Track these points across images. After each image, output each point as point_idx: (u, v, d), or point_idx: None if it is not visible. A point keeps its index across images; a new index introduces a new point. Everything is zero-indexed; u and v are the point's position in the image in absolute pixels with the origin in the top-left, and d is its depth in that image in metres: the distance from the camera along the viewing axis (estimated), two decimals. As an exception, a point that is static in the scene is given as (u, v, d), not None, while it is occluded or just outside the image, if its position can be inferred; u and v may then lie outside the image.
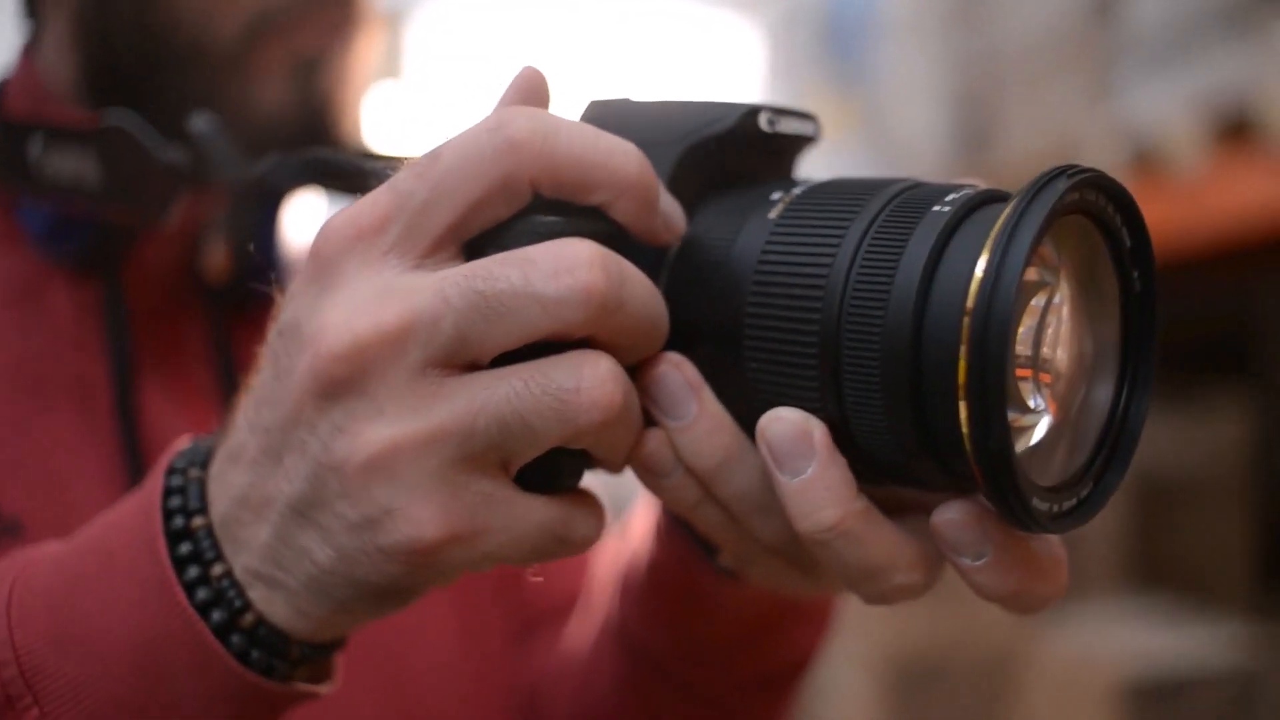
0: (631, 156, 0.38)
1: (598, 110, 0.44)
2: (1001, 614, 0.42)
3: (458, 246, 0.38)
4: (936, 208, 0.37)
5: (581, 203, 0.38)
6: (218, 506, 0.39)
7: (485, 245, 0.37)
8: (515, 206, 0.38)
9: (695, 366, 0.40)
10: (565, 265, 0.36)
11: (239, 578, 0.39)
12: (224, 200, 0.61)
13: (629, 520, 0.59)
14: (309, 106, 0.61)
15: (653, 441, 0.41)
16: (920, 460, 0.37)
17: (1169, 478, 1.78)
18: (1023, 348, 0.36)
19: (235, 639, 0.39)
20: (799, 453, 0.38)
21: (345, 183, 0.53)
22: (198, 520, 0.39)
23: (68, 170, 0.56)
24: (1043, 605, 0.39)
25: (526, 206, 0.38)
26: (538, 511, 0.38)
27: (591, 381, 0.36)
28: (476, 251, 0.38)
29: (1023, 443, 0.37)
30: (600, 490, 0.42)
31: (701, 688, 0.58)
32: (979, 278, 0.34)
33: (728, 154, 0.43)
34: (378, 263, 0.37)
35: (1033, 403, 0.37)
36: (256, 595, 0.38)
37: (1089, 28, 1.67)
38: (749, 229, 0.40)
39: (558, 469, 0.38)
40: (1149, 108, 1.53)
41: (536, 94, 0.41)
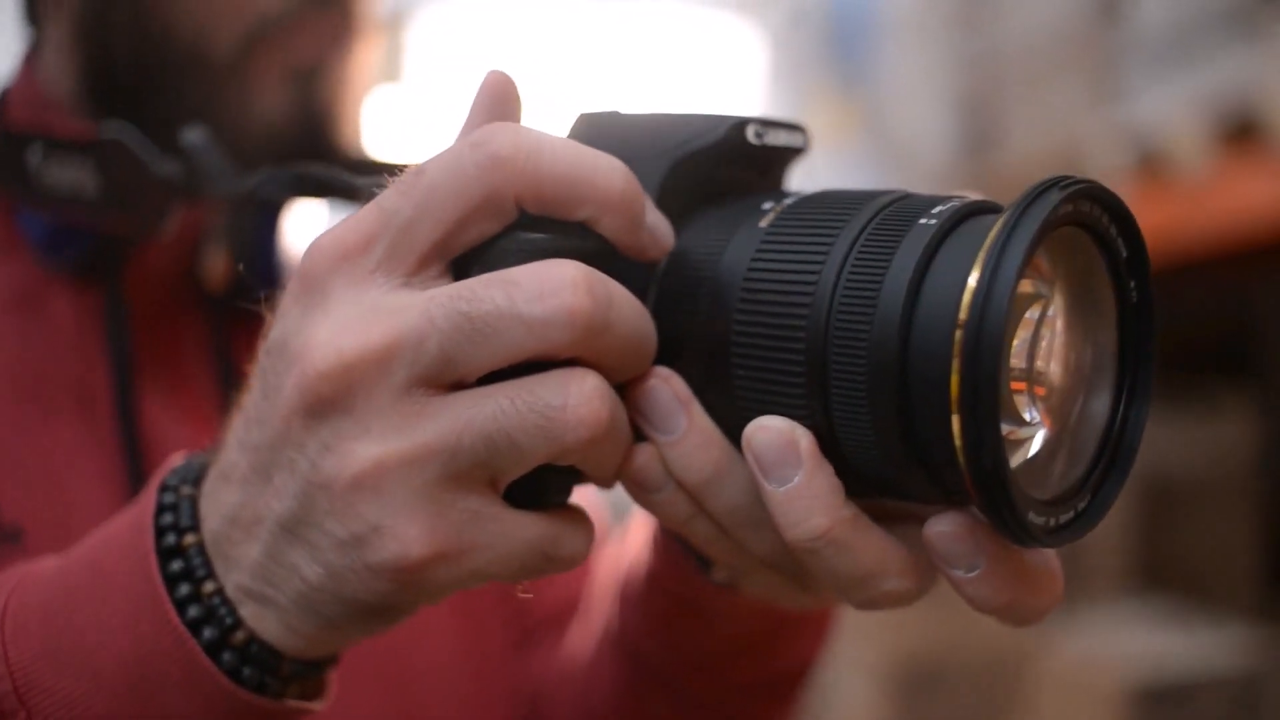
0: (616, 172, 0.38)
1: (586, 123, 0.44)
2: (1005, 618, 0.41)
3: (445, 264, 0.38)
4: (923, 220, 0.37)
5: (567, 219, 0.38)
6: (209, 524, 0.39)
7: (471, 263, 0.37)
8: (501, 223, 0.37)
9: (684, 380, 0.40)
10: (550, 287, 0.35)
11: (230, 595, 0.39)
12: (223, 209, 0.61)
13: (629, 526, 0.59)
14: (308, 115, 0.61)
15: (642, 456, 0.40)
16: (909, 473, 0.37)
17: (1174, 480, 1.77)
18: (1017, 360, 0.36)
19: (226, 656, 0.39)
20: (785, 461, 0.38)
21: (336, 196, 0.54)
22: (189, 538, 0.39)
23: (66, 180, 0.56)
24: (1037, 617, 0.39)
25: (513, 223, 0.38)
26: (526, 528, 0.38)
27: (578, 399, 0.36)
28: (463, 269, 0.37)
29: (1019, 456, 0.37)
30: (602, 496, 0.41)
31: (700, 696, 0.58)
32: (972, 290, 0.33)
33: (716, 167, 0.42)
34: (364, 281, 0.37)
35: (1028, 415, 0.37)
36: (247, 613, 0.38)
37: (1093, 29, 1.66)
38: (738, 240, 0.40)
39: (546, 486, 0.38)
40: (1153, 109, 1.53)
41: (505, 98, 0.41)
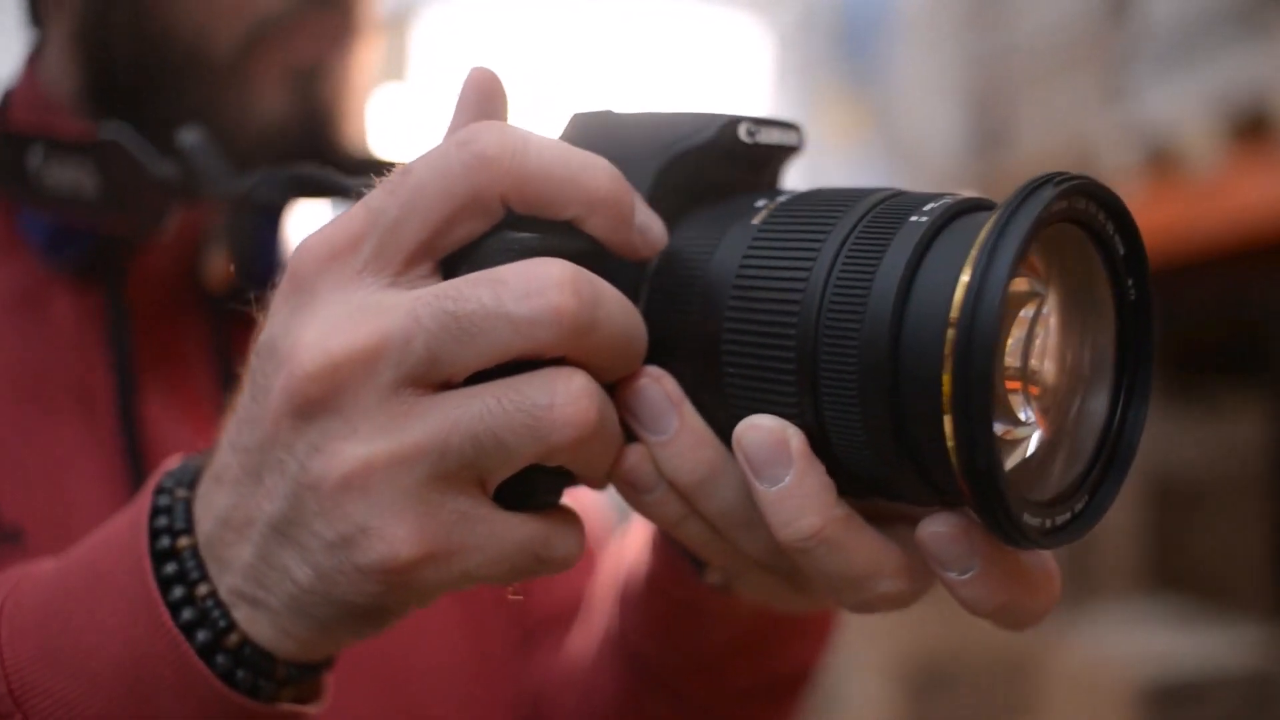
0: (602, 172, 0.38)
1: (580, 123, 0.44)
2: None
3: (433, 263, 0.37)
4: (914, 217, 0.36)
5: (553, 218, 0.38)
6: (203, 527, 0.39)
7: (459, 262, 0.37)
8: (488, 222, 0.37)
9: (676, 380, 0.40)
10: (536, 286, 0.35)
11: (224, 598, 0.39)
12: (223, 210, 0.61)
13: (631, 526, 0.59)
14: (309, 115, 0.61)
15: (633, 457, 0.40)
16: (902, 472, 0.36)
17: (1185, 479, 1.76)
18: (1011, 359, 0.36)
19: (220, 659, 0.38)
20: (776, 460, 0.37)
21: (332, 197, 0.54)
22: (183, 540, 0.39)
23: (66, 181, 0.56)
24: (1034, 620, 0.38)
25: (501, 222, 0.37)
26: (516, 529, 0.37)
27: (565, 398, 0.36)
28: (451, 268, 0.37)
29: (1015, 456, 0.36)
30: (605, 496, 0.41)
31: (699, 699, 0.58)
32: (964, 287, 0.33)
33: (709, 166, 0.42)
34: (352, 282, 0.37)
35: (1023, 415, 0.36)
36: (241, 615, 0.38)
37: (1103, 27, 1.66)
38: (729, 239, 0.40)
39: (536, 487, 0.38)
40: (1163, 107, 1.52)
41: (491, 95, 0.41)
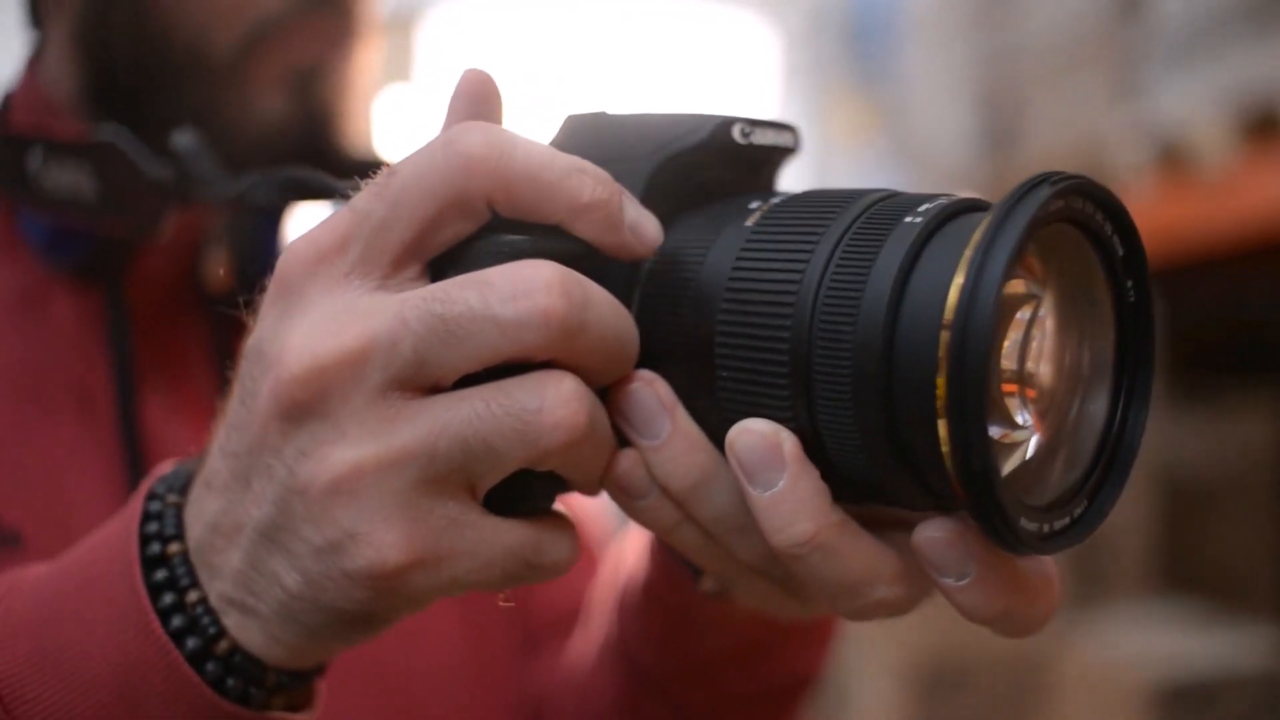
0: (588, 175, 0.37)
1: (573, 124, 0.43)
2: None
3: (421, 265, 0.37)
4: (908, 219, 0.36)
5: (539, 221, 0.37)
6: (193, 533, 0.39)
7: (448, 265, 0.37)
8: (474, 223, 0.37)
9: (668, 384, 0.39)
10: (523, 288, 0.35)
11: (214, 604, 0.38)
12: (223, 211, 0.61)
13: (630, 532, 0.59)
14: (309, 116, 0.61)
15: (626, 462, 0.40)
16: (897, 477, 0.36)
17: (1197, 480, 1.75)
18: (1008, 362, 0.35)
19: (210, 666, 0.38)
20: (769, 465, 0.37)
21: (326, 199, 0.53)
22: (173, 547, 0.39)
23: (65, 183, 0.56)
24: (1033, 628, 0.38)
25: (490, 225, 0.37)
26: (506, 535, 0.37)
27: (554, 401, 0.35)
28: (439, 271, 0.37)
29: (1012, 460, 0.36)
30: (606, 502, 0.41)
31: (697, 706, 0.58)
32: (958, 289, 0.33)
33: (703, 167, 0.42)
34: (340, 285, 0.36)
35: (1020, 418, 0.36)
36: (231, 622, 0.38)
37: (1113, 25, 1.65)
38: (723, 241, 0.40)
39: (527, 491, 0.38)
40: (1174, 105, 1.51)
41: (484, 97, 0.40)
